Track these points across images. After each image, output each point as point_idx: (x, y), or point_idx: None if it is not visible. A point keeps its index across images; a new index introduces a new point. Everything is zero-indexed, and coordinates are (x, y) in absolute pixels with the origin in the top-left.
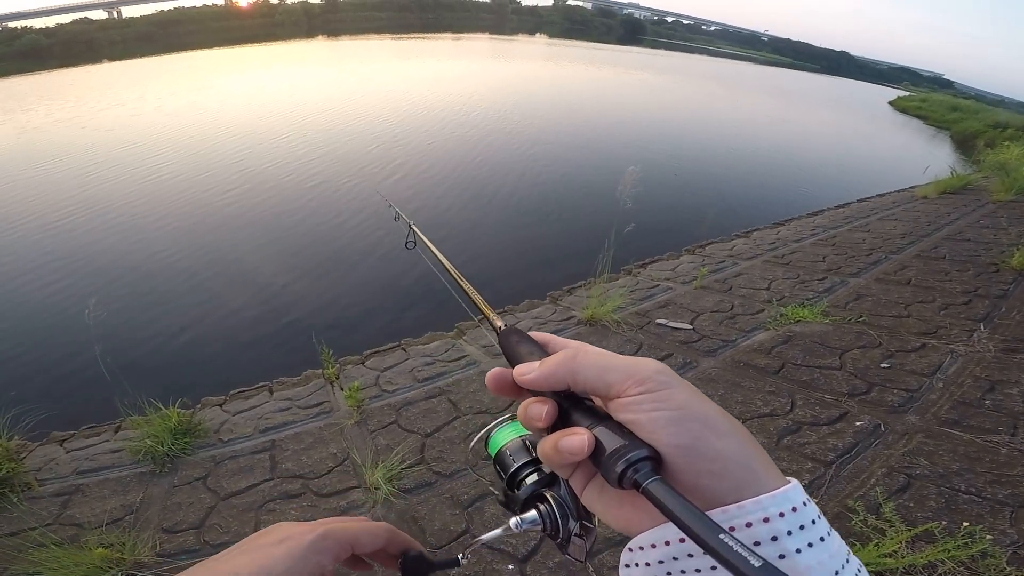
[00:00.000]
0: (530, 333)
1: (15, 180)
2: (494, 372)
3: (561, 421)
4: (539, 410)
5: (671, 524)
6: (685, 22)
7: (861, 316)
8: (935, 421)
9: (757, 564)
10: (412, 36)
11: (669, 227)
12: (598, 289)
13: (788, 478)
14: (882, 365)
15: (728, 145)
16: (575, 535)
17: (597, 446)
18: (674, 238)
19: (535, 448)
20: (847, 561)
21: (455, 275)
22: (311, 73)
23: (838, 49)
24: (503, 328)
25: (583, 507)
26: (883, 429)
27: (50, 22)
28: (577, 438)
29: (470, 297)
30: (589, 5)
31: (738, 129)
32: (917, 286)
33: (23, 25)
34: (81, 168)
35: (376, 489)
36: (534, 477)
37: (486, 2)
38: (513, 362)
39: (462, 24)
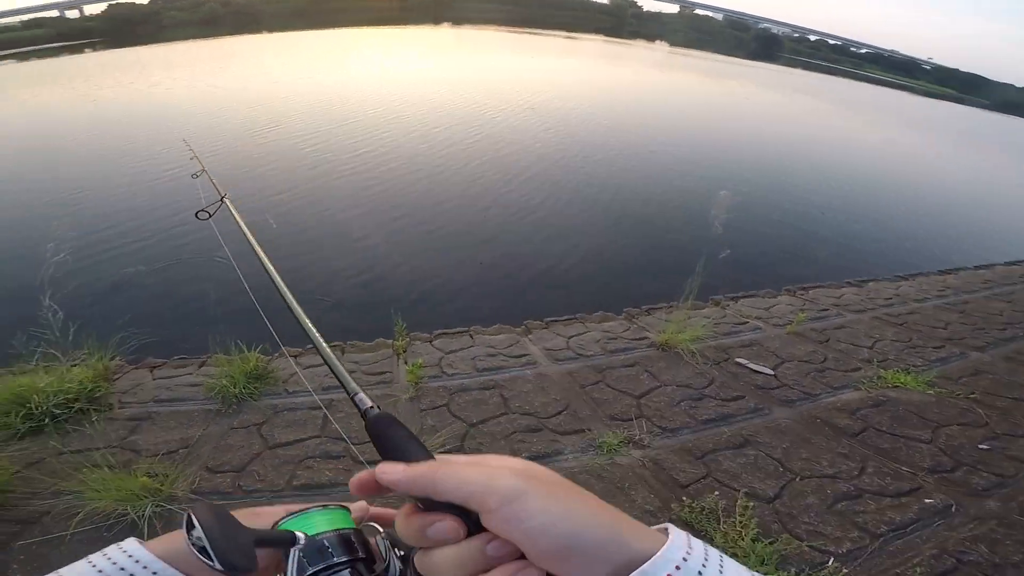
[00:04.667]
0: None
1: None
2: (358, 478)
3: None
4: (443, 528)
5: None
6: (831, 42)
7: (972, 393)
8: (1017, 511)
9: None
10: (528, 31)
11: (771, 261)
12: (680, 314)
13: (666, 525)
14: (980, 446)
15: (857, 181)
16: None
17: None
18: (775, 275)
19: (360, 546)
20: None
21: (316, 341)
22: (433, 60)
23: (1020, 85)
24: (374, 413)
25: None
26: (953, 511)
27: None
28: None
29: (332, 370)
30: (719, 16)
31: (872, 164)
32: None
33: None
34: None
35: None
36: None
37: (604, 4)
38: (383, 450)
39: (578, 23)
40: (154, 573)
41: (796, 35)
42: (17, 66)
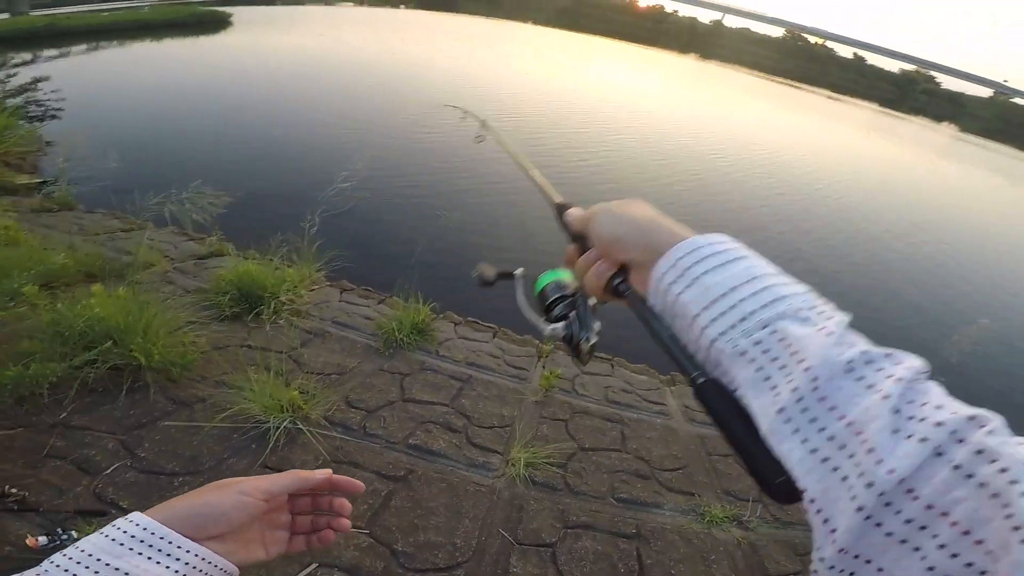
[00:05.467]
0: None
1: None
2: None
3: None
4: (568, 250)
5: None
6: None
7: None
8: None
9: (667, 334)
10: (783, 81)
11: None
12: None
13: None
14: None
15: None
16: (583, 341)
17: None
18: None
19: (568, 287)
20: (734, 288)
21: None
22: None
23: None
24: (560, 203)
25: (591, 323)
26: None
27: None
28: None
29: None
30: None
31: None
32: None
33: None
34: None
35: (512, 465)
36: (562, 304)
37: (891, 72)
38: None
39: (850, 87)
40: (161, 538)
41: None
42: (353, 10)
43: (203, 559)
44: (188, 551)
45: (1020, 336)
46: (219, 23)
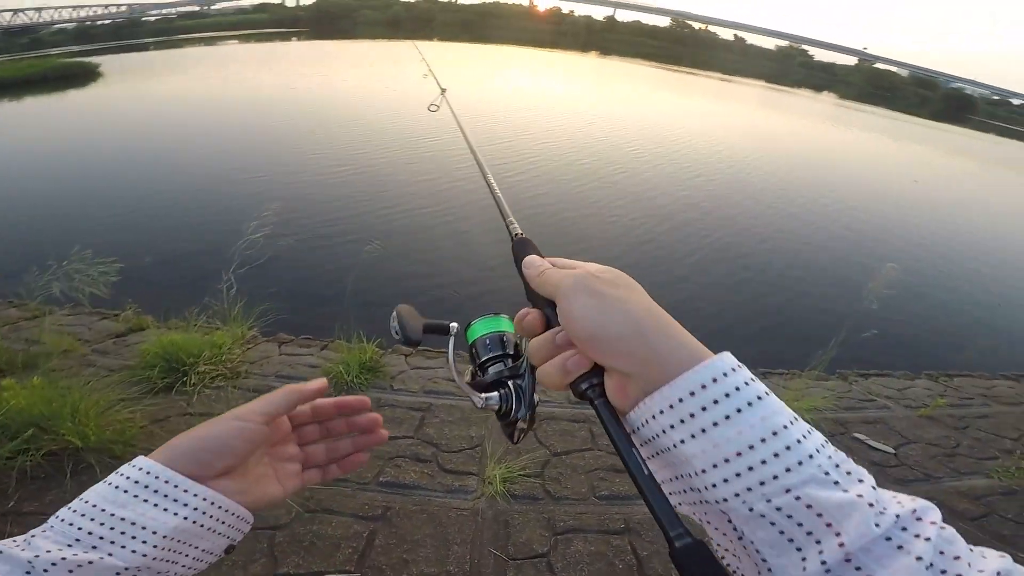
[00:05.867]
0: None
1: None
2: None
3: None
4: (529, 319)
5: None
6: None
7: None
8: None
9: (644, 475)
10: (678, 69)
11: (918, 343)
12: (800, 383)
13: (703, 351)
14: None
15: None
16: (521, 420)
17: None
18: (917, 357)
19: (509, 344)
20: (751, 446)
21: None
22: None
23: None
24: (519, 236)
25: (532, 399)
26: None
27: None
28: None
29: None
30: (904, 72)
31: None
32: None
33: None
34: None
35: (489, 484)
36: (499, 367)
37: (769, 49)
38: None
39: (736, 67)
40: (166, 482)
41: (996, 97)
42: (237, 48)
43: (211, 503)
44: (196, 495)
45: (926, 276)
46: (86, 75)
